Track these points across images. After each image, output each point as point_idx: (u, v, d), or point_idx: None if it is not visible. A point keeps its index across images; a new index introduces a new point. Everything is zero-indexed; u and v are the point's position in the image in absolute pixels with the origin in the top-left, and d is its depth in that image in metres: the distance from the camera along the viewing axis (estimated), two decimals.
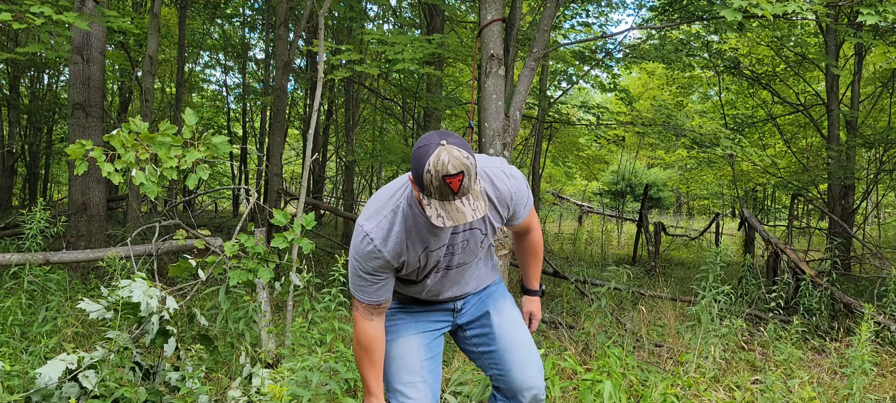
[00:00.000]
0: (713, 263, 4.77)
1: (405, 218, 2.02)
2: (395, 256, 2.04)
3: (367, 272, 2.06)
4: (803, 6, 4.27)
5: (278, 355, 3.85)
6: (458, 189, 1.79)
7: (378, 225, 2.02)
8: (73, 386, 3.00)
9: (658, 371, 4.18)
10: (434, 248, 2.09)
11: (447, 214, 1.81)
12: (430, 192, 1.81)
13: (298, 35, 8.73)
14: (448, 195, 1.80)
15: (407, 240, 2.03)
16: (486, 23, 4.75)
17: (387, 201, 2.05)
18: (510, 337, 2.38)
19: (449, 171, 1.77)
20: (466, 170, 1.79)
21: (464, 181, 1.79)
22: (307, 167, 4.41)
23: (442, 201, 1.81)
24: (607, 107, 11.44)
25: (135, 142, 3.29)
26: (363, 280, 2.08)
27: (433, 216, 1.81)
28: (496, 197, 2.11)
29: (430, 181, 1.78)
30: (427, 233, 2.04)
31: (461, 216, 1.81)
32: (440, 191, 1.79)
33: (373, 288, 2.09)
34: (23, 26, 4.54)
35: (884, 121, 11.26)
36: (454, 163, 1.78)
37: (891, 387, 4.34)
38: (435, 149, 1.80)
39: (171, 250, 4.73)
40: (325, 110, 13.99)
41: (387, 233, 2.02)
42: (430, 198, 1.82)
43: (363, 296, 2.11)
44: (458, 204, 1.81)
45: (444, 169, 1.77)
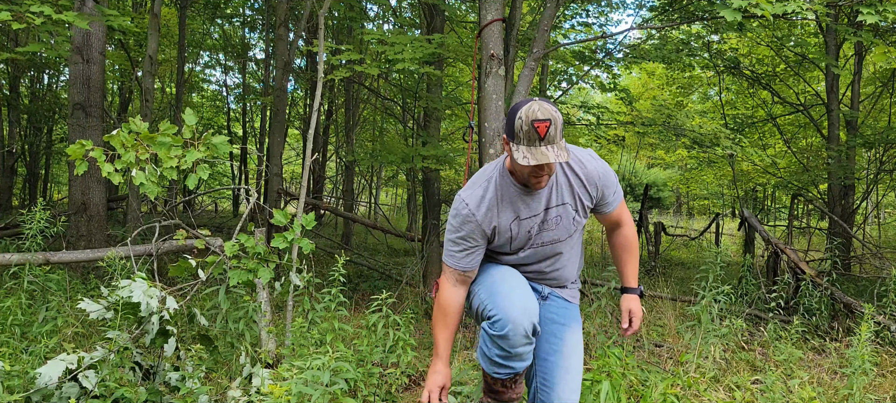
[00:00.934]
0: (713, 263, 4.77)
1: (498, 187, 2.21)
2: (486, 221, 2.20)
3: (460, 236, 2.22)
4: (803, 6, 4.27)
5: (278, 355, 3.85)
6: (545, 135, 2.00)
7: (473, 192, 2.22)
8: (73, 386, 3.00)
9: (658, 372, 4.18)
10: (525, 217, 2.22)
11: (532, 155, 2.00)
12: (519, 138, 2.02)
13: (298, 35, 8.73)
14: (535, 139, 2.00)
15: (498, 207, 2.20)
16: (486, 23, 4.75)
17: (483, 173, 2.26)
18: (570, 358, 2.43)
19: (538, 116, 2.00)
20: (553, 120, 2.01)
21: (550, 128, 2.00)
22: (307, 167, 4.41)
23: (529, 145, 2.01)
24: (607, 107, 11.43)
25: (135, 142, 3.29)
26: (455, 244, 2.24)
27: (520, 157, 2.00)
28: (585, 175, 2.26)
29: (521, 126, 2.01)
30: (519, 202, 2.20)
31: (545, 157, 1.99)
32: (528, 135, 2.00)
33: (462, 254, 2.23)
34: (22, 26, 4.53)
35: (884, 121, 11.26)
36: (543, 111, 2.02)
37: (891, 387, 4.34)
38: (527, 102, 2.05)
39: (171, 250, 4.73)
40: (325, 110, 13.99)
41: (480, 200, 2.20)
42: (519, 143, 2.02)
43: (451, 261, 2.26)
44: (543, 148, 2.01)
45: (534, 114, 2.01)
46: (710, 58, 9.57)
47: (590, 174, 2.27)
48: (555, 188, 2.23)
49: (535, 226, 2.25)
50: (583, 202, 2.28)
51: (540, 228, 2.26)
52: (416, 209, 11.99)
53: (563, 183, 2.25)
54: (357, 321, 5.16)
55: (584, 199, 2.27)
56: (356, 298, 6.48)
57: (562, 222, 2.28)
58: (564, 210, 2.26)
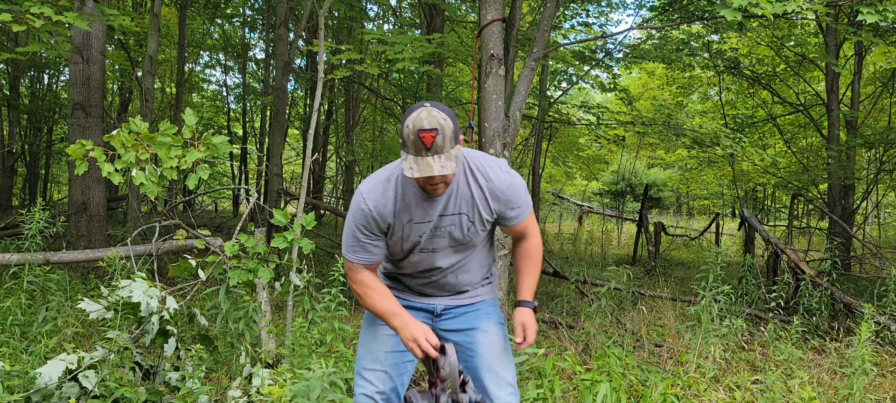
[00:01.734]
0: (713, 263, 4.77)
1: (397, 185, 2.18)
2: (381, 216, 2.17)
3: (357, 229, 2.20)
4: (803, 5, 4.27)
5: (278, 355, 3.85)
6: (431, 145, 1.97)
7: (372, 187, 2.19)
8: (73, 386, 3.00)
9: (658, 372, 4.18)
10: (418, 221, 2.19)
11: (417, 166, 1.98)
12: (407, 147, 2.00)
13: (298, 35, 8.73)
14: (421, 150, 1.97)
15: (396, 206, 2.18)
16: (486, 23, 4.75)
17: (387, 169, 2.23)
18: (490, 357, 2.37)
19: (423, 127, 1.96)
20: (440, 129, 1.97)
21: (437, 138, 1.97)
22: (307, 167, 4.41)
23: (416, 155, 1.98)
24: (607, 107, 11.44)
25: (135, 142, 3.29)
26: (353, 239, 2.22)
27: (406, 168, 1.99)
28: (488, 188, 2.21)
29: (408, 135, 1.98)
30: (415, 205, 2.17)
31: (429, 169, 1.97)
32: (415, 145, 1.97)
33: (360, 247, 2.22)
34: (23, 27, 4.53)
35: (884, 121, 11.26)
36: (430, 120, 1.97)
37: (891, 387, 4.34)
38: (418, 108, 2.01)
39: (171, 250, 4.73)
40: (325, 110, 13.99)
41: (379, 196, 2.18)
42: (407, 152, 2.00)
43: (351, 255, 2.25)
44: (429, 159, 1.97)
45: (420, 124, 1.97)
46: (710, 58, 9.57)
47: (494, 187, 2.20)
48: (454, 196, 2.18)
49: (427, 232, 2.21)
50: (481, 214, 2.21)
51: (431, 234, 2.22)
52: None
53: (465, 192, 2.19)
54: (357, 321, 5.17)
55: (483, 212, 2.21)
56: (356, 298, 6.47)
57: (455, 231, 2.23)
58: (460, 220, 2.21)
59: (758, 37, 10.25)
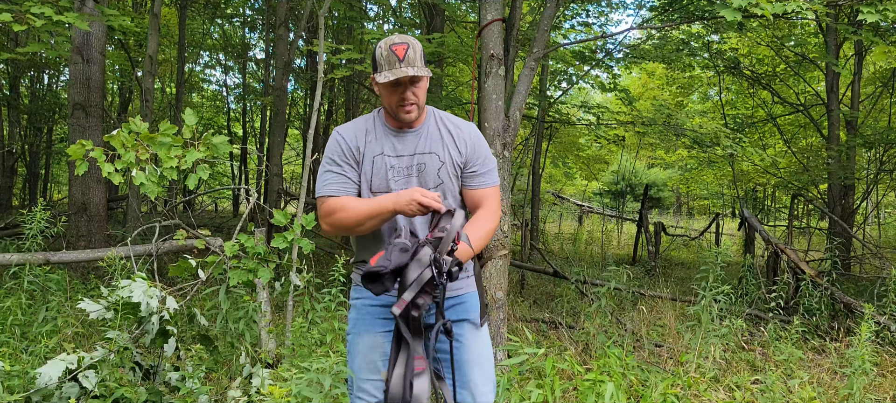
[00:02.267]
0: (713, 263, 4.77)
1: (368, 120, 2.31)
2: (353, 143, 2.25)
3: (329, 161, 2.27)
4: (803, 5, 4.27)
5: (278, 355, 3.85)
6: (404, 57, 2.13)
7: (346, 125, 2.33)
8: (73, 386, 3.00)
9: (658, 372, 4.18)
10: (390, 154, 2.24)
11: (392, 73, 2.11)
12: (380, 65, 2.15)
13: (298, 35, 8.73)
14: (394, 62, 2.13)
15: (367, 136, 2.26)
16: (486, 23, 4.74)
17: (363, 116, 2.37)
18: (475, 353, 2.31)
19: (395, 42, 2.14)
20: (411, 44, 2.14)
21: (408, 51, 2.13)
22: (307, 167, 4.41)
23: (390, 68, 2.13)
24: (607, 107, 11.43)
25: (135, 143, 3.29)
26: (324, 174, 2.27)
27: (381, 78, 2.13)
28: (456, 131, 2.31)
29: (381, 53, 2.15)
30: (386, 140, 2.25)
31: (403, 73, 2.10)
32: (388, 59, 2.13)
33: (332, 179, 2.25)
34: (23, 27, 4.53)
35: (884, 121, 11.26)
36: (400, 38, 2.17)
37: (891, 387, 4.34)
38: (384, 38, 2.20)
39: (171, 250, 4.73)
40: (326, 110, 13.99)
41: (351, 128, 2.30)
42: (381, 70, 2.14)
43: (323, 190, 2.26)
44: (403, 68, 2.12)
45: (391, 40, 2.16)
46: (710, 58, 9.57)
47: (463, 133, 2.30)
48: (425, 136, 2.26)
49: (399, 167, 2.24)
50: (451, 156, 2.26)
51: (405, 172, 2.24)
52: None
53: (434, 133, 2.28)
54: None
55: (452, 154, 2.26)
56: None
57: (425, 170, 2.24)
58: (430, 159, 2.25)
59: (758, 37, 10.25)
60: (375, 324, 2.29)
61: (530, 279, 8.22)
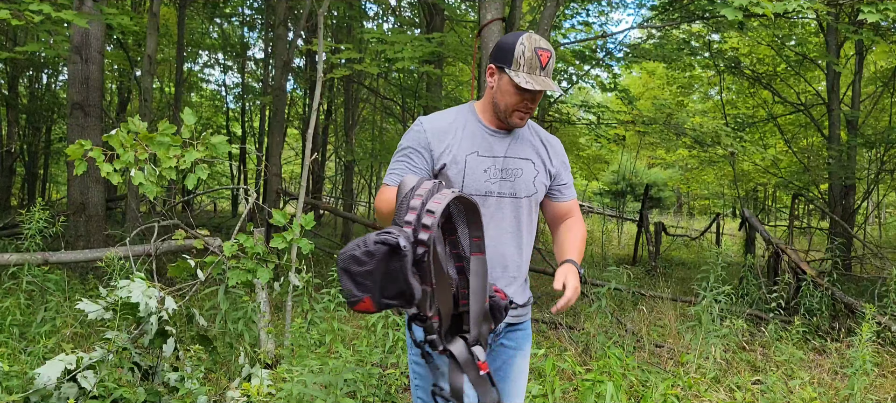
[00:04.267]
0: (714, 263, 4.76)
1: (461, 114, 2.13)
2: (437, 138, 2.04)
3: (404, 151, 2.06)
4: (804, 4, 4.26)
5: (277, 355, 3.84)
6: (546, 64, 1.99)
7: (434, 116, 2.11)
8: (71, 387, 2.99)
9: (658, 372, 4.17)
10: (485, 154, 2.06)
11: (534, 82, 1.96)
12: (518, 64, 1.98)
13: (297, 34, 8.72)
14: (536, 67, 1.98)
15: (457, 133, 2.07)
16: (486, 22, 4.73)
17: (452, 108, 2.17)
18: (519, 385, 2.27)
19: (541, 45, 1.99)
20: (552, 53, 2.02)
21: (551, 60, 2.01)
22: (306, 167, 4.40)
23: (530, 72, 1.98)
24: (608, 107, 11.42)
25: (134, 142, 3.28)
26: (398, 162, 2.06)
27: (521, 81, 1.95)
28: (548, 141, 2.21)
29: (523, 51, 1.97)
30: (480, 139, 2.08)
31: (548, 85, 1.97)
32: (530, 62, 1.98)
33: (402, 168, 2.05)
34: (22, 23, 4.52)
35: (885, 120, 11.25)
36: (544, 42, 2.02)
37: (892, 388, 4.33)
38: (523, 33, 2.02)
39: (169, 250, 4.72)
40: (325, 110, 13.98)
41: (438, 118, 2.10)
42: (519, 69, 1.98)
43: (391, 179, 2.05)
44: (542, 77, 1.98)
45: (537, 42, 1.99)
46: (710, 57, 9.56)
47: (553, 144, 2.22)
48: (518, 140, 2.13)
49: (494, 170, 2.07)
50: (545, 167, 2.16)
51: (500, 175, 2.08)
52: None
53: (528, 139, 2.15)
54: (356, 321, 5.15)
55: (546, 164, 2.16)
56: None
57: (522, 176, 2.11)
58: (527, 165, 2.12)
59: (758, 36, 10.23)
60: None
61: (530, 279, 8.20)
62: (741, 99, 13.27)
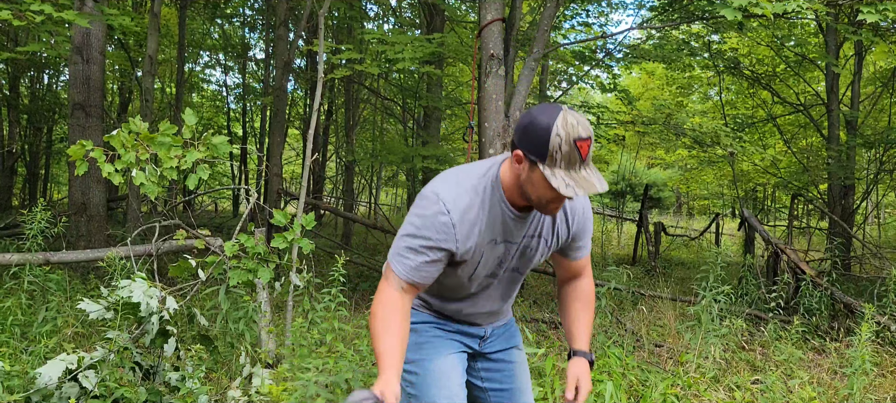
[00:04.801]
0: (713, 263, 4.77)
1: (484, 197, 1.83)
2: (463, 237, 1.80)
3: (425, 243, 1.79)
4: (803, 5, 4.27)
5: (278, 355, 3.85)
6: (587, 155, 1.67)
7: (458, 197, 1.79)
8: (72, 386, 3.00)
9: (658, 372, 4.18)
10: (500, 241, 1.89)
11: (575, 183, 1.65)
12: (555, 160, 1.65)
13: (298, 35, 8.73)
14: (576, 162, 1.66)
15: (481, 224, 1.83)
16: (486, 23, 4.74)
17: (471, 177, 1.83)
18: (524, 381, 2.25)
19: (580, 134, 1.65)
20: (592, 137, 1.69)
21: (591, 147, 1.68)
22: (307, 167, 4.41)
23: (568, 169, 1.66)
24: (607, 107, 11.43)
25: (135, 143, 3.29)
26: (414, 251, 1.80)
27: (561, 186, 1.64)
28: (569, 205, 1.96)
29: (560, 145, 1.64)
30: (501, 224, 1.86)
31: (590, 185, 1.66)
32: (569, 157, 1.65)
33: (420, 263, 1.81)
34: (23, 23, 4.54)
35: (884, 121, 11.26)
36: (583, 125, 1.66)
37: (891, 387, 4.34)
38: (557, 112, 1.67)
39: (171, 250, 4.73)
40: (325, 110, 13.99)
41: (465, 209, 1.79)
42: (555, 166, 1.66)
43: (403, 270, 1.82)
44: (584, 173, 1.67)
45: (575, 131, 1.64)
46: (710, 58, 9.57)
47: (574, 206, 1.98)
48: (538, 216, 1.91)
49: (509, 256, 1.93)
50: (559, 236, 1.97)
51: (515, 258, 1.95)
52: None
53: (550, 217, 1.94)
54: (357, 321, 5.16)
55: (560, 233, 1.97)
56: (356, 298, 6.48)
57: (531, 254, 1.98)
58: (542, 243, 1.96)
59: (758, 37, 10.25)
60: (444, 343, 2.09)
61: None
62: (740, 99, 13.28)
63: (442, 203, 1.77)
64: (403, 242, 1.83)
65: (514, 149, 1.75)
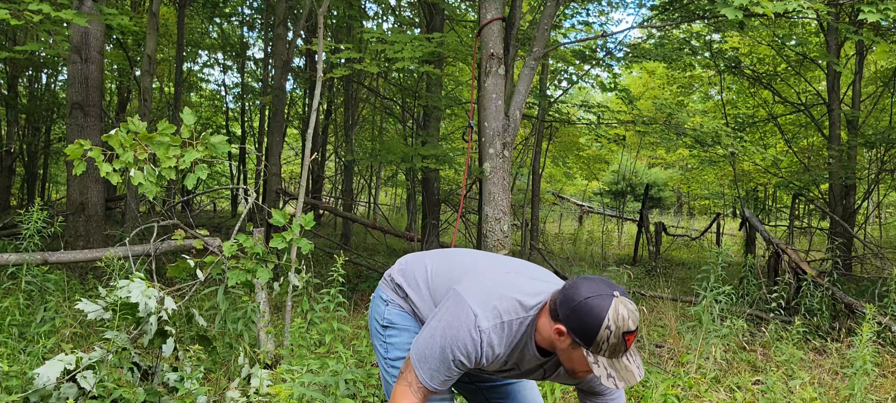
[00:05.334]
0: (714, 263, 4.75)
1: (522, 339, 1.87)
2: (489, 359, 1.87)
3: (458, 359, 1.84)
4: (804, 4, 4.25)
5: (277, 356, 3.83)
6: (630, 346, 1.70)
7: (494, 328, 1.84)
8: (71, 387, 2.98)
9: (659, 372, 4.16)
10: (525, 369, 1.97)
11: (618, 375, 1.69)
12: (600, 348, 1.68)
13: (297, 34, 8.71)
14: (620, 352, 1.69)
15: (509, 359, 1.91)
16: (486, 22, 4.73)
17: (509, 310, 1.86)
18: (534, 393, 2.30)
19: (630, 328, 1.68)
20: (637, 331, 1.72)
21: (636, 337, 1.71)
22: (306, 167, 4.39)
23: (611, 358, 1.69)
24: (608, 107, 11.41)
25: (133, 142, 3.27)
26: (447, 367, 1.85)
27: (603, 376, 1.67)
28: None
29: (608, 337, 1.66)
30: (519, 356, 1.91)
31: (632, 376, 1.69)
32: (613, 348, 1.68)
33: (448, 376, 1.88)
34: (21, 23, 4.52)
35: (885, 120, 11.24)
36: (633, 317, 1.69)
37: (892, 388, 4.32)
38: (610, 301, 1.68)
39: (169, 250, 4.71)
40: (324, 110, 13.97)
41: (497, 342, 1.85)
42: (599, 354, 1.69)
43: (433, 381, 1.87)
44: (625, 361, 1.70)
45: (626, 325, 1.67)
46: (711, 57, 9.55)
47: None
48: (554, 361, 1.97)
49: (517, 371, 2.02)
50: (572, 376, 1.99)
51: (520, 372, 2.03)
52: (416, 209, 11.97)
53: None
54: (356, 321, 5.14)
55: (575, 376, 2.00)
56: (355, 298, 6.46)
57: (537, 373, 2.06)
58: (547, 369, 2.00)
59: (759, 36, 10.23)
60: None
61: None
62: (741, 99, 13.26)
63: (479, 331, 1.82)
64: (436, 353, 1.85)
65: (556, 321, 1.76)
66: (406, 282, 2.14)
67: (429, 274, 2.11)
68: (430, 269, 2.12)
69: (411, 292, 2.11)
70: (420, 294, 2.10)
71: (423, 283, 2.10)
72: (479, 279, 1.94)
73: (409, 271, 2.17)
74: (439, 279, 2.07)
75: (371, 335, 2.23)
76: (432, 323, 1.90)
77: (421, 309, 2.09)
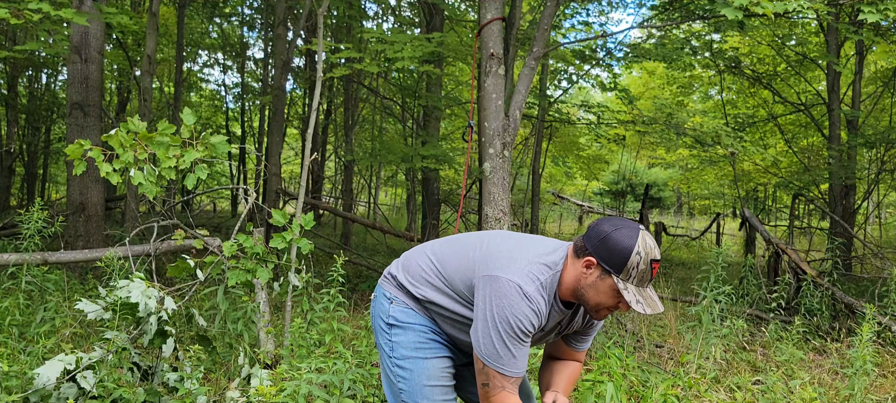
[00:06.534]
0: (714, 263, 4.75)
1: (548, 293, 1.95)
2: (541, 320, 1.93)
3: (524, 332, 1.88)
4: (804, 4, 4.25)
5: (277, 356, 3.83)
6: (654, 275, 1.84)
7: (534, 295, 1.90)
8: (71, 387, 2.98)
9: (659, 372, 4.16)
10: (549, 329, 2.05)
11: (645, 301, 1.82)
12: (630, 276, 1.82)
13: (297, 34, 8.71)
14: (646, 280, 1.83)
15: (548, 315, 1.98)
16: (486, 22, 4.72)
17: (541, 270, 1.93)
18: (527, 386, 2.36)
19: (656, 256, 1.84)
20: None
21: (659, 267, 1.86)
22: (306, 167, 4.39)
23: (639, 287, 1.83)
24: (608, 107, 11.41)
25: (133, 142, 3.27)
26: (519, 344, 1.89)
27: (632, 301, 1.81)
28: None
29: (638, 263, 1.80)
30: (550, 317, 1.99)
31: (656, 305, 1.83)
32: (642, 275, 1.82)
33: (526, 354, 1.93)
34: (21, 22, 4.51)
35: (885, 120, 11.25)
36: (656, 249, 1.85)
37: (892, 388, 4.32)
38: (637, 231, 1.83)
39: (169, 250, 4.70)
40: (324, 109, 13.97)
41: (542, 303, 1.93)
42: (628, 282, 1.82)
43: (514, 369, 1.91)
44: (649, 292, 1.85)
45: (653, 253, 1.83)
46: (711, 57, 9.55)
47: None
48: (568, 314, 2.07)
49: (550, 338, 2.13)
50: (575, 323, 2.12)
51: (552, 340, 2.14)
52: (416, 209, 11.97)
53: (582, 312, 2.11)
54: (356, 321, 5.14)
55: (573, 326, 2.13)
56: (355, 298, 6.46)
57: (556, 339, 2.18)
58: (569, 326, 2.12)
59: (759, 36, 10.23)
60: (442, 348, 2.17)
61: None
62: (741, 99, 13.27)
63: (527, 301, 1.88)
64: (503, 347, 1.88)
65: (584, 255, 1.88)
66: (411, 276, 2.16)
67: (435, 262, 2.13)
68: (436, 258, 2.13)
69: (418, 284, 2.13)
70: (430, 282, 2.11)
71: (432, 272, 2.11)
72: (500, 256, 1.98)
73: (412, 265, 2.18)
74: (451, 262, 2.08)
75: (375, 333, 2.24)
76: (480, 319, 1.91)
77: (431, 297, 2.10)
